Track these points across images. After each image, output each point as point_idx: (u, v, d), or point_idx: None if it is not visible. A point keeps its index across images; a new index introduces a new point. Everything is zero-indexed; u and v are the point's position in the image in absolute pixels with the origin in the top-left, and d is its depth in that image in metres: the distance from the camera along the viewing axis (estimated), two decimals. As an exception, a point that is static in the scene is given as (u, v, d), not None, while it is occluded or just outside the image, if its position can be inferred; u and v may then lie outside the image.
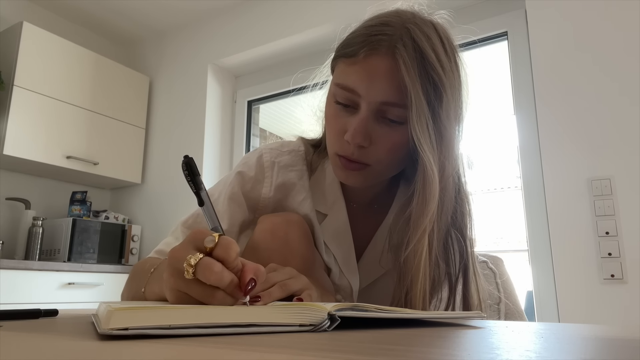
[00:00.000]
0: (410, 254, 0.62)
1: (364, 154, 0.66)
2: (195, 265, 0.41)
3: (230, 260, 0.42)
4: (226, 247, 0.43)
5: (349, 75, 0.65)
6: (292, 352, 0.25)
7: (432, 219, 0.62)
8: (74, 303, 2.19)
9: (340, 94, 0.66)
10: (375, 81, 0.63)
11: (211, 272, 0.41)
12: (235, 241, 0.44)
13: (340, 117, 0.67)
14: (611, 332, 0.41)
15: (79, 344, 0.29)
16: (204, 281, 0.41)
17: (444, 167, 0.63)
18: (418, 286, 0.62)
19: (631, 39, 1.58)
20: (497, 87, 2.65)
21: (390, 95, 0.63)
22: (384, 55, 0.62)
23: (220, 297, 0.42)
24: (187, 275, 0.41)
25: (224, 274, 0.41)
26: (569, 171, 1.61)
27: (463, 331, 0.40)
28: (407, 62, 0.61)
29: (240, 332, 0.33)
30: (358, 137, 0.64)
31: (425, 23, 0.66)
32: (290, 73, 2.61)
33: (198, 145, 2.68)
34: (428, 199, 0.62)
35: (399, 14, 0.67)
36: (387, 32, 0.63)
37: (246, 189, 0.76)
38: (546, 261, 1.68)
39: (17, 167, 2.50)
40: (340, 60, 0.67)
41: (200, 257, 0.41)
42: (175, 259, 0.43)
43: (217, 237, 0.43)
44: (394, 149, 0.66)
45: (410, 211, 0.64)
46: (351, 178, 0.69)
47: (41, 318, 0.47)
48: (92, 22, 2.93)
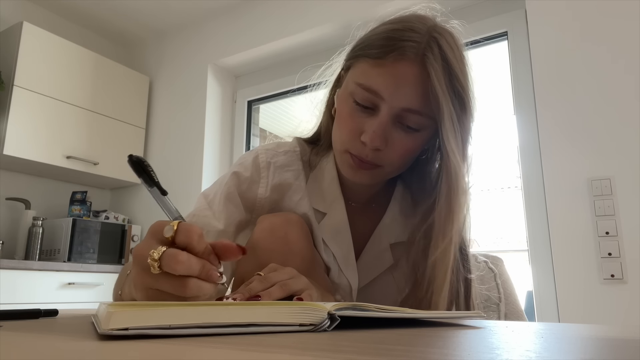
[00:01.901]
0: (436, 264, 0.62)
1: (378, 156, 0.66)
2: (159, 259, 0.39)
3: (194, 244, 0.41)
4: (187, 232, 0.41)
5: (373, 77, 0.64)
6: (292, 352, 0.25)
7: (459, 230, 0.63)
8: (74, 303, 2.19)
9: (360, 94, 0.66)
10: (401, 87, 0.63)
11: (177, 261, 0.39)
12: (196, 225, 0.42)
13: (356, 117, 0.67)
14: (611, 332, 0.41)
15: (79, 344, 0.29)
16: (172, 273, 0.39)
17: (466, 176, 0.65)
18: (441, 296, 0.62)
19: (631, 39, 1.58)
20: (497, 87, 2.65)
21: (414, 103, 0.63)
22: (413, 62, 0.63)
23: (193, 284, 0.40)
24: (153, 270, 0.39)
25: (192, 261, 0.40)
26: (569, 171, 1.61)
27: (463, 331, 0.40)
28: (437, 71, 0.62)
29: (240, 332, 0.33)
30: (377, 140, 0.64)
31: (446, 32, 0.67)
32: (290, 73, 2.62)
33: (198, 145, 2.68)
34: (454, 208, 0.62)
35: (422, 20, 0.67)
36: (415, 38, 0.64)
37: (242, 189, 0.76)
38: (546, 261, 1.68)
39: (17, 167, 2.50)
40: (363, 60, 0.66)
41: (163, 249, 0.40)
42: (139, 256, 0.41)
43: (176, 224, 0.41)
44: (406, 154, 0.67)
45: (433, 219, 0.64)
46: (359, 176, 0.69)
47: (41, 318, 0.47)
48: (92, 22, 2.93)
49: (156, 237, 0.42)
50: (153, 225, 0.43)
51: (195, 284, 0.40)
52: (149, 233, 0.43)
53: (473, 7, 2.11)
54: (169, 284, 0.40)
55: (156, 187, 0.49)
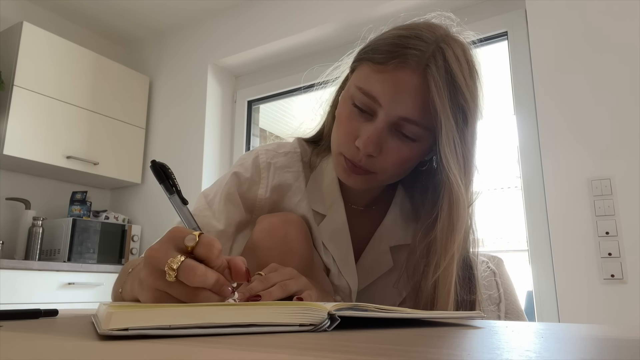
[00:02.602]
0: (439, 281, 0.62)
1: (371, 163, 0.66)
2: (177, 269, 0.39)
3: (213, 258, 0.41)
4: (208, 246, 0.41)
5: (373, 82, 0.64)
6: (292, 352, 0.25)
7: (460, 245, 0.62)
8: (74, 303, 2.19)
9: (359, 98, 0.65)
10: (400, 95, 0.62)
11: (195, 275, 0.39)
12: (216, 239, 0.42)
13: (353, 121, 0.66)
14: (611, 332, 0.41)
15: (79, 344, 0.29)
16: (188, 284, 0.40)
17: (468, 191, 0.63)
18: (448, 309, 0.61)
19: (631, 39, 1.58)
20: (497, 87, 2.65)
21: (411, 113, 0.62)
22: (414, 71, 0.62)
23: (205, 296, 0.40)
24: (169, 278, 0.39)
25: (208, 275, 0.40)
26: (569, 171, 1.61)
27: (463, 331, 0.40)
28: (438, 83, 0.60)
29: (240, 332, 0.33)
30: (370, 146, 0.63)
31: (456, 44, 0.65)
32: (291, 73, 2.62)
33: (198, 145, 2.68)
34: (455, 223, 0.61)
35: (433, 28, 0.66)
36: (420, 47, 0.62)
37: (242, 190, 0.76)
38: (546, 261, 1.68)
39: (17, 167, 2.50)
40: (366, 64, 0.66)
41: (182, 259, 0.40)
42: (154, 259, 0.41)
43: (198, 235, 0.41)
44: (400, 163, 0.66)
45: (435, 235, 0.63)
46: (352, 180, 0.69)
47: (41, 318, 0.47)
48: (92, 22, 2.93)
49: (174, 244, 0.42)
50: (172, 231, 0.43)
51: (206, 296, 0.40)
52: (166, 237, 0.43)
53: (473, 7, 2.11)
54: (181, 293, 0.40)
55: (177, 195, 0.48)
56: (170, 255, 0.40)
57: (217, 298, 0.41)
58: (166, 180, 0.48)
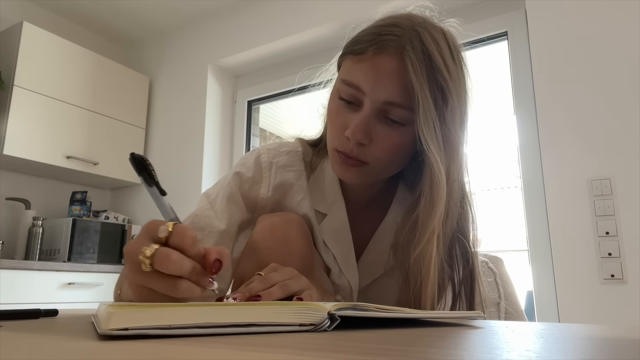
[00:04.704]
0: (419, 256, 0.62)
1: (363, 152, 0.66)
2: (151, 256, 0.39)
3: (187, 247, 0.41)
4: (181, 234, 0.41)
5: (355, 72, 0.65)
6: (292, 352, 0.25)
7: (440, 220, 0.62)
8: (74, 303, 2.19)
9: (344, 90, 0.66)
10: (380, 80, 0.63)
11: (169, 260, 0.39)
12: (190, 228, 0.42)
13: (342, 114, 0.67)
14: (611, 332, 0.41)
15: (79, 344, 0.29)
16: (163, 271, 0.39)
17: (449, 170, 0.63)
18: (428, 289, 0.61)
19: (631, 39, 1.58)
20: (497, 87, 2.65)
21: (394, 96, 0.63)
22: (392, 55, 0.63)
23: (185, 286, 0.40)
24: (144, 267, 0.39)
25: (184, 262, 0.40)
26: (569, 171, 1.61)
27: (463, 331, 0.40)
28: (415, 64, 0.61)
29: (240, 332, 0.33)
30: (358, 134, 0.64)
31: (435, 28, 0.66)
32: (290, 73, 2.62)
33: (198, 145, 2.68)
34: (436, 200, 0.62)
35: (411, 17, 0.67)
36: (397, 32, 0.64)
37: (244, 189, 0.76)
38: (546, 261, 1.68)
39: (17, 167, 2.50)
40: (348, 57, 0.67)
41: (155, 247, 0.40)
42: (130, 252, 0.41)
43: (171, 225, 0.41)
44: (393, 150, 0.66)
45: (418, 213, 0.64)
46: (348, 174, 0.68)
47: (41, 318, 0.47)
48: (92, 22, 2.93)
49: (149, 236, 0.42)
50: (147, 224, 0.43)
51: (186, 286, 0.40)
52: (142, 231, 0.43)
53: (473, 7, 2.11)
54: (160, 283, 0.40)
55: (155, 186, 0.48)
56: (145, 246, 0.40)
57: (198, 290, 0.41)
58: (144, 171, 0.48)
